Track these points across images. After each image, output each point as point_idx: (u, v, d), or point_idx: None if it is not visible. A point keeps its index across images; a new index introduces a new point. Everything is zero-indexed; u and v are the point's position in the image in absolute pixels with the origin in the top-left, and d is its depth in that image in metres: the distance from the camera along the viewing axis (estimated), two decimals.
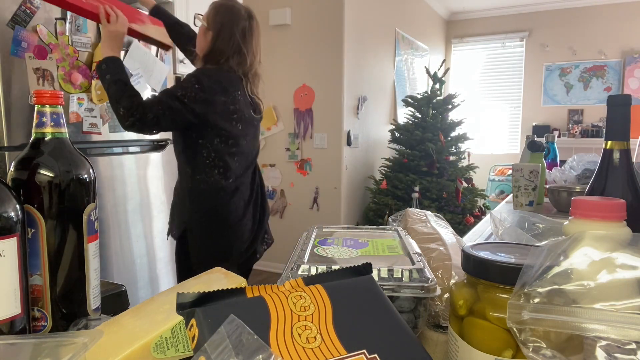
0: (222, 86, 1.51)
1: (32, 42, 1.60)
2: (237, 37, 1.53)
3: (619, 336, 0.33)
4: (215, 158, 1.56)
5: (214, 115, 1.51)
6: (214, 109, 1.50)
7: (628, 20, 5.47)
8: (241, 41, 1.54)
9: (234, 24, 1.53)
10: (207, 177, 1.57)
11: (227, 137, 1.56)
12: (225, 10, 1.54)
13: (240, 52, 1.54)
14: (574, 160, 1.85)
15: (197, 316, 0.35)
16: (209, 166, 1.56)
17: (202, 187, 1.58)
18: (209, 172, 1.57)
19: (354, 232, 0.70)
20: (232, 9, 1.54)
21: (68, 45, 1.71)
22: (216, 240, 1.62)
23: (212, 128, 1.53)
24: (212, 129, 1.53)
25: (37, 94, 0.56)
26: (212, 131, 1.54)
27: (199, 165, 1.56)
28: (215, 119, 1.52)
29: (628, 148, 0.66)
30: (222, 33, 1.53)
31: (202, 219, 1.61)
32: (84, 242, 0.58)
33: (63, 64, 1.69)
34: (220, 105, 1.51)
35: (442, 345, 0.55)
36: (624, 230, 0.47)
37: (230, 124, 1.55)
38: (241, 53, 1.55)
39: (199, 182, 1.58)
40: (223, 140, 1.56)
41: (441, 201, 3.75)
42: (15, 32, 1.55)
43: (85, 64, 1.78)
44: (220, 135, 1.55)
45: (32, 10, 1.59)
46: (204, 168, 1.56)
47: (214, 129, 1.53)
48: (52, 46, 1.66)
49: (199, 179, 1.57)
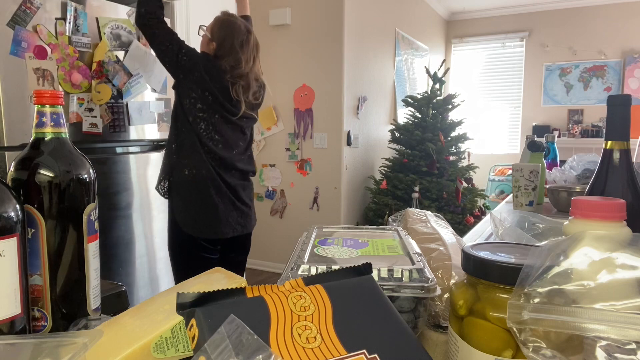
0: (208, 68, 1.74)
1: (32, 42, 1.60)
2: (236, 48, 1.78)
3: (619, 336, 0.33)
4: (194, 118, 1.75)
5: (191, 77, 1.72)
6: (193, 75, 1.72)
7: (628, 20, 5.47)
8: (240, 51, 1.78)
9: (234, 38, 1.78)
10: (187, 135, 1.76)
11: (198, 102, 1.74)
12: (227, 25, 1.79)
13: (237, 59, 1.78)
14: (574, 160, 1.85)
15: (197, 316, 0.35)
16: (189, 123, 1.76)
17: (185, 142, 1.77)
18: (189, 127, 1.76)
19: (354, 232, 0.70)
20: (233, 25, 1.80)
21: (68, 45, 1.71)
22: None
23: (188, 89, 1.73)
24: (189, 90, 1.73)
25: (37, 94, 0.56)
26: (188, 94, 1.74)
27: (179, 122, 1.78)
28: (190, 81, 1.73)
29: (628, 148, 0.66)
30: (224, 45, 1.78)
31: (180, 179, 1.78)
32: (84, 242, 0.58)
33: (63, 64, 1.69)
34: (198, 76, 1.73)
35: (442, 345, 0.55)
36: (624, 230, 0.47)
37: (202, 95, 1.74)
38: (237, 59, 1.78)
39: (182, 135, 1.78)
40: (196, 108, 1.75)
41: (441, 201, 3.75)
42: (15, 32, 1.55)
43: (85, 64, 1.78)
44: (193, 99, 1.74)
45: (32, 10, 1.59)
46: (183, 126, 1.77)
47: (189, 91, 1.73)
48: (52, 46, 1.66)
49: (183, 133, 1.78)
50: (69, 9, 1.70)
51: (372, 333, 0.37)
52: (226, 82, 1.75)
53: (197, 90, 1.72)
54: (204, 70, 1.73)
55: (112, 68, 1.87)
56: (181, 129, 1.76)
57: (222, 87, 1.76)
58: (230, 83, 1.76)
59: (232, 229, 1.83)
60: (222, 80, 1.75)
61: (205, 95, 1.73)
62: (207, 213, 1.77)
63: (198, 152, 1.74)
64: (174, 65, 1.72)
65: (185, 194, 1.76)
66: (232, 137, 1.82)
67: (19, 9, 1.55)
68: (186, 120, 1.74)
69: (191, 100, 1.73)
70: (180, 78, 1.74)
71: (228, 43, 1.77)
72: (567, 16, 5.76)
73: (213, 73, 1.74)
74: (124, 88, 1.93)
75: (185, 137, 1.75)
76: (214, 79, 1.74)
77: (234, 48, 1.76)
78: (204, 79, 1.72)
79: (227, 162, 1.80)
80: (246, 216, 1.90)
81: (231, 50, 1.76)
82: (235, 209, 1.84)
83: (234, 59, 1.76)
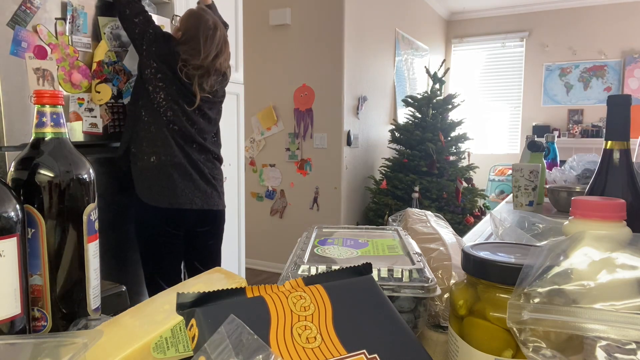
0: (170, 47, 1.84)
1: (32, 42, 1.60)
2: (198, 40, 1.84)
3: (619, 336, 0.33)
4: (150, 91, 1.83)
5: (153, 49, 1.81)
6: (155, 46, 1.82)
7: (628, 20, 5.47)
8: (202, 43, 1.84)
9: (199, 31, 1.84)
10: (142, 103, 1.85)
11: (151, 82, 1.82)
12: (195, 18, 1.87)
13: (196, 49, 1.83)
14: (574, 160, 1.85)
15: (197, 316, 0.35)
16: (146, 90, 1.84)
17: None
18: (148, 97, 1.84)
19: (354, 232, 0.70)
20: (200, 18, 1.87)
21: (68, 45, 1.71)
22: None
23: (150, 59, 1.81)
24: (150, 60, 1.81)
25: (37, 94, 0.56)
26: (149, 64, 1.81)
27: (139, 94, 1.86)
28: (152, 53, 1.81)
29: (628, 148, 0.66)
30: (186, 34, 1.85)
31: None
32: (84, 242, 0.58)
33: (63, 64, 1.69)
34: (160, 48, 1.82)
35: (442, 345, 0.55)
36: (624, 230, 0.47)
37: (161, 67, 1.81)
38: (196, 50, 1.83)
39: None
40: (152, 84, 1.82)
41: (441, 201, 3.75)
42: (15, 32, 1.55)
43: (85, 64, 1.78)
44: (154, 69, 1.81)
45: (32, 10, 1.59)
46: (142, 97, 1.85)
47: (151, 61, 1.81)
48: (52, 46, 1.66)
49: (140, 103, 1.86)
50: (69, 9, 1.70)
51: (372, 333, 0.37)
52: (178, 64, 1.82)
53: (157, 61, 1.80)
54: (164, 46, 1.82)
55: (112, 68, 1.87)
56: (141, 98, 1.82)
57: (175, 67, 1.85)
58: (180, 68, 1.82)
59: (188, 200, 1.83)
60: (175, 61, 1.82)
61: (164, 67, 1.80)
62: (160, 181, 1.80)
63: (157, 120, 1.80)
64: (141, 35, 1.81)
65: (141, 163, 1.81)
66: (191, 113, 1.86)
67: (19, 9, 1.55)
68: (146, 90, 1.80)
69: (152, 70, 1.80)
70: (142, 49, 1.81)
71: (191, 33, 1.84)
72: (567, 16, 5.76)
73: (169, 52, 1.83)
74: (124, 88, 1.93)
75: (145, 104, 1.81)
76: (172, 57, 1.83)
77: (196, 39, 1.83)
78: (164, 52, 1.81)
79: (186, 134, 1.84)
80: (207, 194, 1.90)
81: (192, 40, 1.83)
82: (193, 182, 1.85)
83: (193, 50, 1.82)
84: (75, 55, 1.74)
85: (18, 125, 1.57)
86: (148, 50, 1.80)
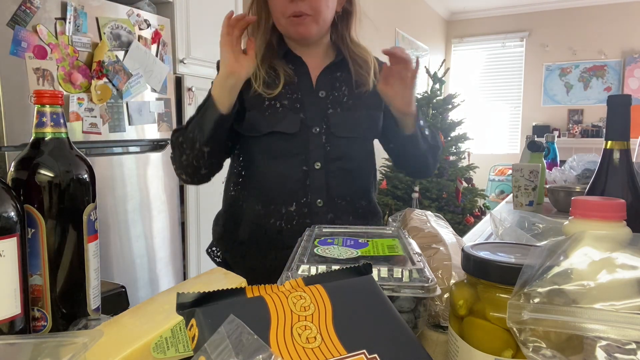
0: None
1: (32, 42, 1.59)
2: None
3: (619, 336, 0.33)
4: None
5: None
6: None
7: (628, 20, 5.47)
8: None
9: None
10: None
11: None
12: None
13: None
14: (574, 160, 1.85)
15: (197, 316, 0.35)
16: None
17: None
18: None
19: (354, 232, 0.70)
20: None
21: (68, 45, 1.71)
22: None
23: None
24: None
25: (37, 94, 0.56)
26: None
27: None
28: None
29: (628, 148, 0.66)
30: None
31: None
32: (84, 242, 0.58)
33: (63, 64, 1.69)
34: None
35: (442, 345, 0.55)
36: (624, 230, 0.47)
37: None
38: None
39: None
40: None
41: (441, 201, 3.74)
42: (15, 32, 1.55)
43: (85, 64, 1.78)
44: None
45: (32, 10, 1.59)
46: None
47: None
48: (52, 46, 1.66)
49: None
50: (69, 9, 1.70)
51: (372, 333, 0.37)
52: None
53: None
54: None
55: (112, 68, 1.87)
56: None
57: None
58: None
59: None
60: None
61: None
62: None
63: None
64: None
65: None
66: None
67: (19, 9, 1.55)
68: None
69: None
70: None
71: None
72: (567, 16, 5.76)
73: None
74: (124, 88, 1.93)
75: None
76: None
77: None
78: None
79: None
80: None
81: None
82: None
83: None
84: (75, 55, 1.74)
85: (18, 125, 1.57)
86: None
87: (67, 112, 1.72)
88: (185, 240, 2.36)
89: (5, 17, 1.52)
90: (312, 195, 1.05)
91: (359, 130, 1.09)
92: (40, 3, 1.61)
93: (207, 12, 2.43)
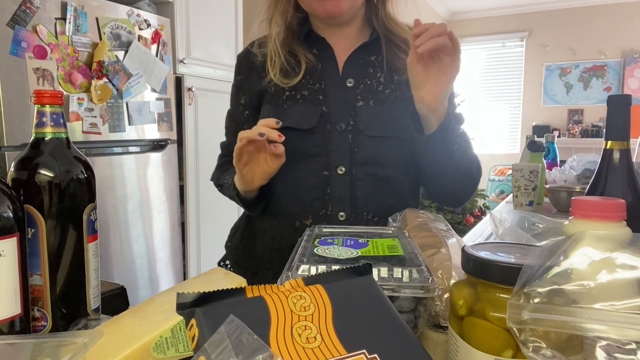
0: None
1: (32, 42, 1.59)
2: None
3: (619, 336, 0.33)
4: None
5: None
6: None
7: (628, 20, 5.47)
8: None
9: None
10: None
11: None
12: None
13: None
14: (574, 160, 1.85)
15: (197, 316, 0.35)
16: None
17: None
18: None
19: (354, 232, 0.70)
20: None
21: (68, 45, 1.71)
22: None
23: None
24: None
25: (37, 94, 0.56)
26: None
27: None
28: None
29: (628, 148, 0.66)
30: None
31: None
32: (84, 242, 0.58)
33: (63, 64, 1.69)
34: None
35: (442, 345, 0.55)
36: (624, 230, 0.47)
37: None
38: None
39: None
40: None
41: None
42: (15, 32, 1.55)
43: (85, 64, 1.78)
44: None
45: (32, 10, 1.59)
46: None
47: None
48: (52, 46, 1.66)
49: None
50: (69, 9, 1.70)
51: (372, 333, 0.37)
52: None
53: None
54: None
55: (112, 68, 1.87)
56: None
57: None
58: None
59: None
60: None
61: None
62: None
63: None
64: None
65: None
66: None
67: (19, 8, 1.55)
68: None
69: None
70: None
71: None
72: (567, 16, 5.76)
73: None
74: (124, 88, 1.93)
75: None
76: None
77: None
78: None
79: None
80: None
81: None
82: None
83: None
84: (75, 55, 1.74)
85: (18, 125, 1.57)
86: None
87: (67, 112, 1.72)
88: (185, 240, 2.36)
89: (5, 17, 1.52)
90: (333, 207, 0.87)
91: (394, 128, 0.87)
92: (40, 3, 1.60)
93: (207, 12, 2.43)
